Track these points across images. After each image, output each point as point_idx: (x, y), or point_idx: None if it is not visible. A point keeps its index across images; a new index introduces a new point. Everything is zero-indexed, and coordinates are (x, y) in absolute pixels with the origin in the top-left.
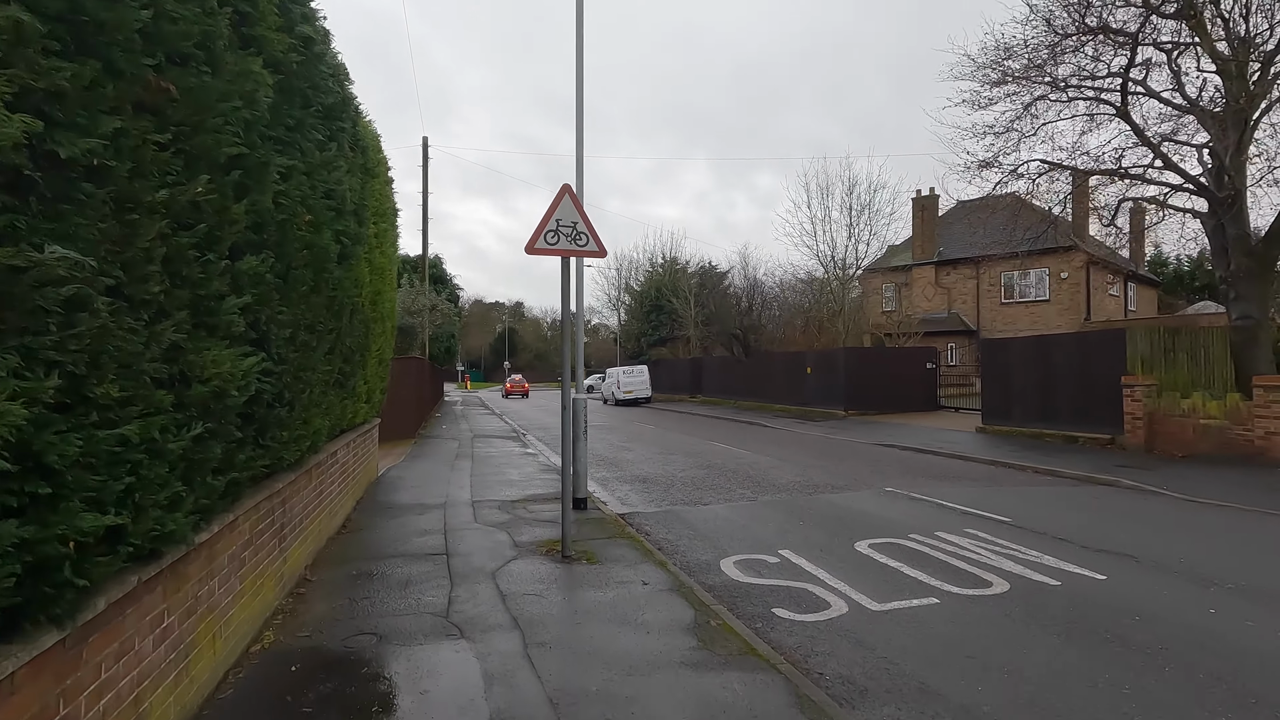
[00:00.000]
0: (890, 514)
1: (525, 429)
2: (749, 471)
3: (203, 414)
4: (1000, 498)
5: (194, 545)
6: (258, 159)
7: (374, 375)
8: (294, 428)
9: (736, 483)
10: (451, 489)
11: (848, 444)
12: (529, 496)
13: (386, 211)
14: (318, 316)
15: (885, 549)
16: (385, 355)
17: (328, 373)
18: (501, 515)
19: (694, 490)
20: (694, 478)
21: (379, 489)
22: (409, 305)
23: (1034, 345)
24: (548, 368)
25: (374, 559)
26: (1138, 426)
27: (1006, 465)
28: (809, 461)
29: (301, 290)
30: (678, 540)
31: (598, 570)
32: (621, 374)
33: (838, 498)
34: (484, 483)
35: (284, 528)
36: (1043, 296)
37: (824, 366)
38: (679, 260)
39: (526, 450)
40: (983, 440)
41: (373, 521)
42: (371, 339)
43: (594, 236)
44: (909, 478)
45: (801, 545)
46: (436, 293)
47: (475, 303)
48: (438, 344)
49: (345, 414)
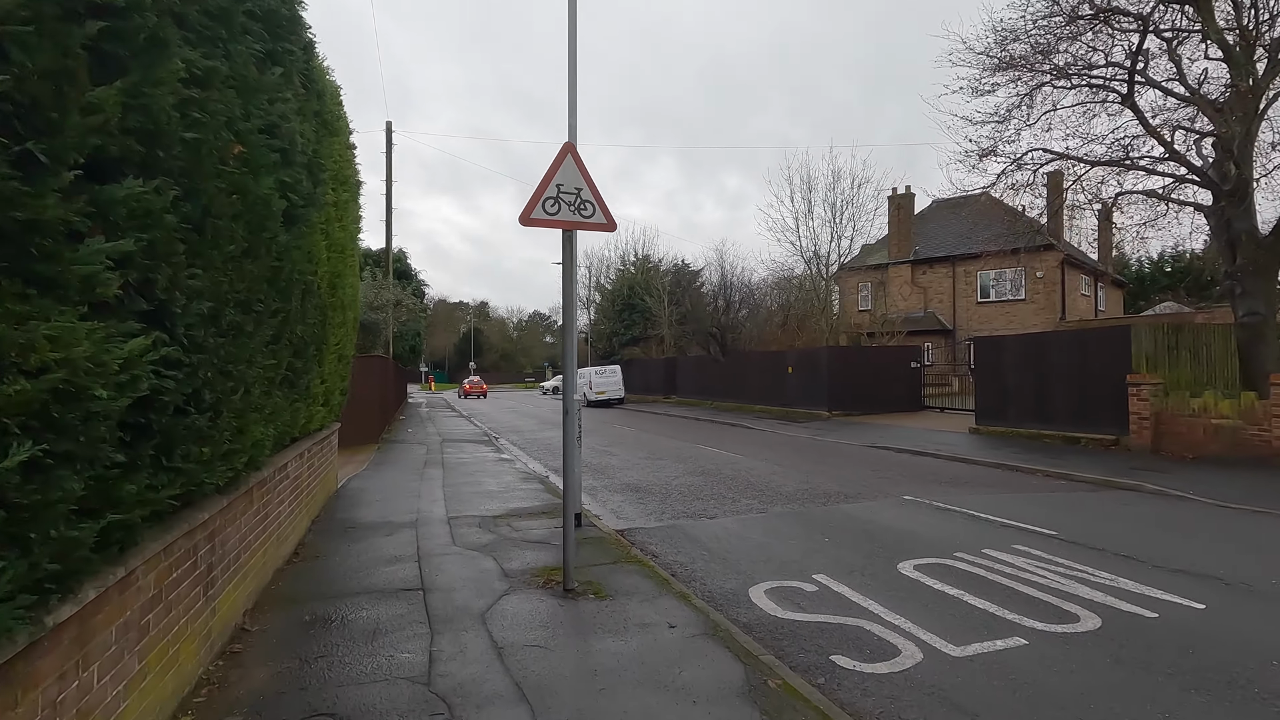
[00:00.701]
0: (919, 527)
1: (497, 432)
2: (748, 478)
3: (41, 427)
4: (1028, 506)
5: (44, 632)
6: (143, 23)
7: (333, 374)
8: (221, 441)
9: (738, 491)
10: (423, 503)
11: (840, 446)
12: (512, 511)
13: (348, 180)
14: (255, 291)
15: (934, 571)
16: (346, 351)
17: (271, 368)
18: (484, 535)
19: (694, 501)
20: (690, 486)
21: (339, 504)
22: (372, 300)
23: (1030, 343)
24: (514, 368)
25: (333, 597)
26: (1144, 427)
27: (1014, 469)
28: (808, 466)
29: (229, 251)
30: (692, 563)
31: (610, 608)
32: (594, 374)
33: (854, 508)
34: (459, 495)
35: (213, 568)
36: (1019, 296)
37: (806, 366)
38: (651, 258)
39: (501, 456)
40: (979, 442)
41: (332, 546)
42: (330, 330)
43: (601, 206)
44: (921, 484)
45: (836, 567)
46: (401, 288)
47: (439, 302)
48: (402, 342)
49: (297, 419)
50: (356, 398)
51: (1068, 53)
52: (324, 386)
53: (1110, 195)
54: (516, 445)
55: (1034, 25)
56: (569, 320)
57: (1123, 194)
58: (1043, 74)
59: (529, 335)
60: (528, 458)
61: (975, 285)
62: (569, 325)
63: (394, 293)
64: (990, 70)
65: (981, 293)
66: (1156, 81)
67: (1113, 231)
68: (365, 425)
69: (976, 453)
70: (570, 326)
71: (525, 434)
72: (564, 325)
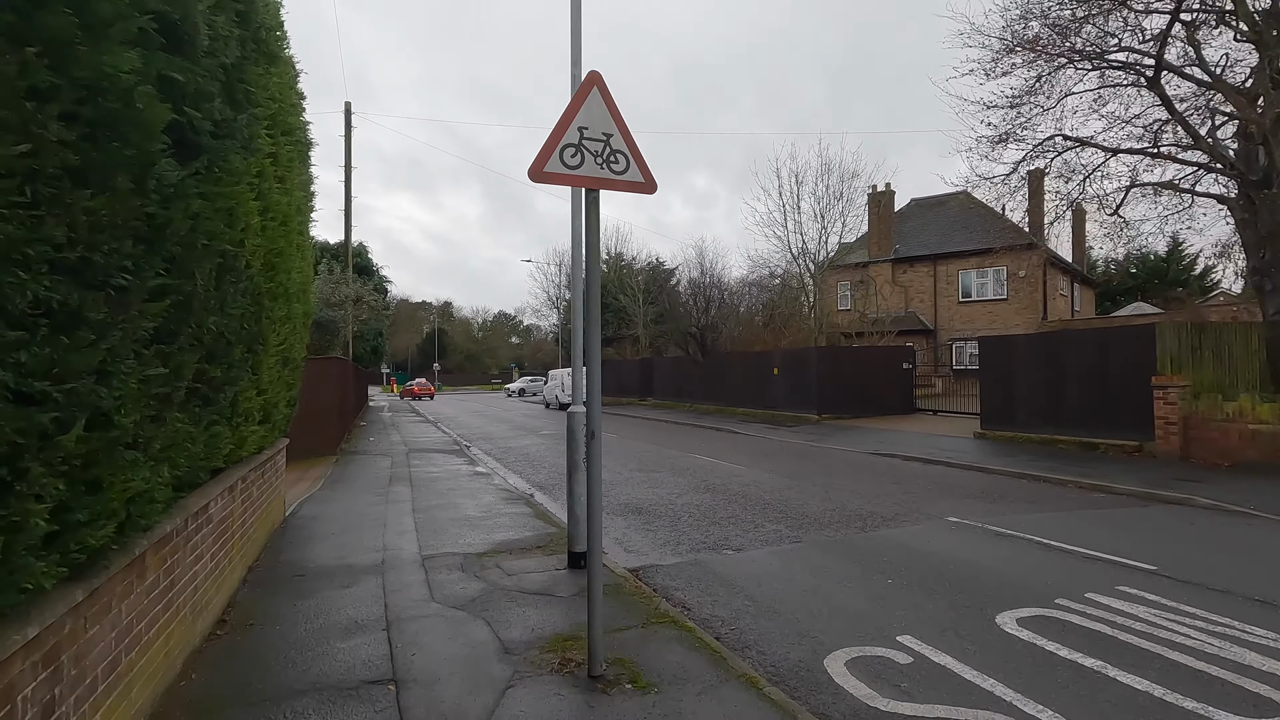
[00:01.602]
0: (990, 561)
1: (467, 440)
2: (760, 495)
3: None
4: (1093, 529)
5: None
6: None
7: (276, 381)
8: (29, 515)
9: (756, 513)
10: (389, 535)
11: (842, 455)
12: (499, 545)
13: (294, 132)
14: (113, 251)
15: (1045, 628)
16: (294, 353)
17: (161, 380)
18: (469, 583)
19: (710, 526)
20: (699, 506)
21: (287, 539)
22: (329, 296)
23: (1042, 343)
24: (479, 369)
25: (266, 701)
26: (1171, 432)
27: (1040, 479)
28: (820, 479)
29: (52, 172)
30: (738, 619)
31: (659, 709)
32: (566, 375)
33: (900, 535)
34: (433, 522)
35: (56, 701)
36: (1001, 295)
37: (793, 367)
38: (624, 256)
39: (476, 469)
40: (989, 448)
41: (271, 606)
42: (268, 327)
43: (637, 159)
44: (955, 500)
45: (922, 624)
46: (362, 284)
47: (401, 302)
48: (363, 343)
49: (218, 446)
50: (311, 405)
51: (1091, 30)
52: (262, 399)
53: (1119, 189)
54: (491, 455)
55: (1054, 2)
56: (591, 301)
57: (1135, 186)
58: (1061, 56)
59: (494, 336)
60: (505, 470)
61: (956, 285)
62: (590, 305)
63: (354, 288)
64: (1004, 52)
65: (963, 292)
66: (1176, 66)
67: (1094, 229)
68: (321, 435)
69: (991, 460)
70: (592, 306)
71: (498, 442)
72: (584, 302)
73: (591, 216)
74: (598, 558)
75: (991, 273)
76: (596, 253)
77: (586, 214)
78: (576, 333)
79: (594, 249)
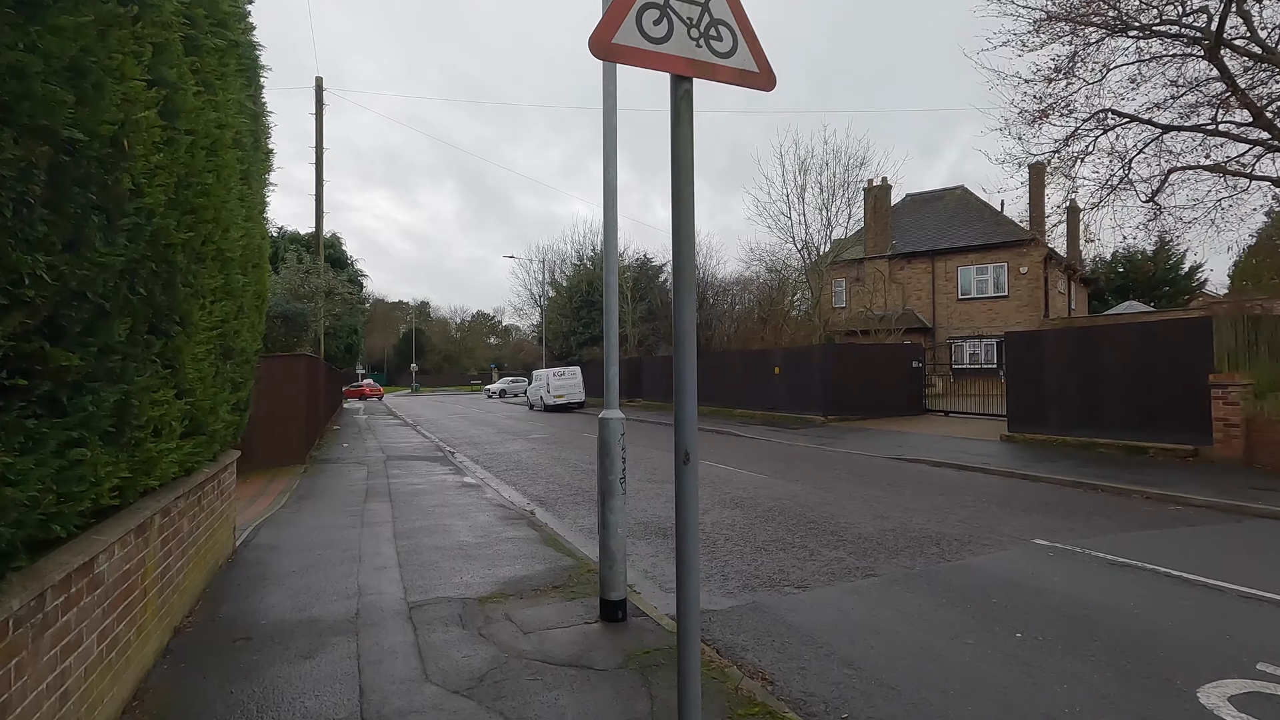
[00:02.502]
0: (1129, 603)
1: (451, 445)
2: (798, 511)
3: None
4: (1211, 553)
5: None
6: None
7: (207, 379)
8: None
9: (802, 533)
10: (365, 572)
11: (865, 461)
12: (506, 584)
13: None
14: None
15: (1270, 712)
16: (242, 343)
17: None
18: (474, 647)
19: (754, 552)
20: (732, 525)
21: (232, 582)
22: (298, 287)
23: (1077, 339)
24: (457, 370)
25: None
26: (1233, 435)
27: (1097, 488)
28: (856, 490)
29: None
30: (847, 699)
31: None
32: (551, 376)
33: (993, 565)
34: (419, 552)
35: None
36: (1001, 293)
37: (795, 366)
38: None
39: (464, 480)
40: (1022, 453)
41: (196, 698)
42: (188, 298)
43: (749, 35)
44: (1026, 516)
45: (1099, 707)
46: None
47: (377, 302)
48: (337, 340)
49: (98, 479)
50: (276, 407)
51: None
52: (186, 403)
53: (1159, 173)
54: (479, 463)
55: None
56: (684, 262)
57: (1177, 170)
58: (1106, 26)
59: (473, 336)
60: (497, 481)
61: (955, 282)
62: (684, 266)
63: (326, 279)
64: (1044, 20)
65: (962, 289)
66: (1227, 40)
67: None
68: (288, 441)
69: (1032, 466)
70: (685, 267)
71: (485, 447)
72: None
73: (684, 120)
74: (692, 625)
75: (991, 269)
76: (689, 180)
77: (676, 116)
78: (610, 311)
79: (686, 173)
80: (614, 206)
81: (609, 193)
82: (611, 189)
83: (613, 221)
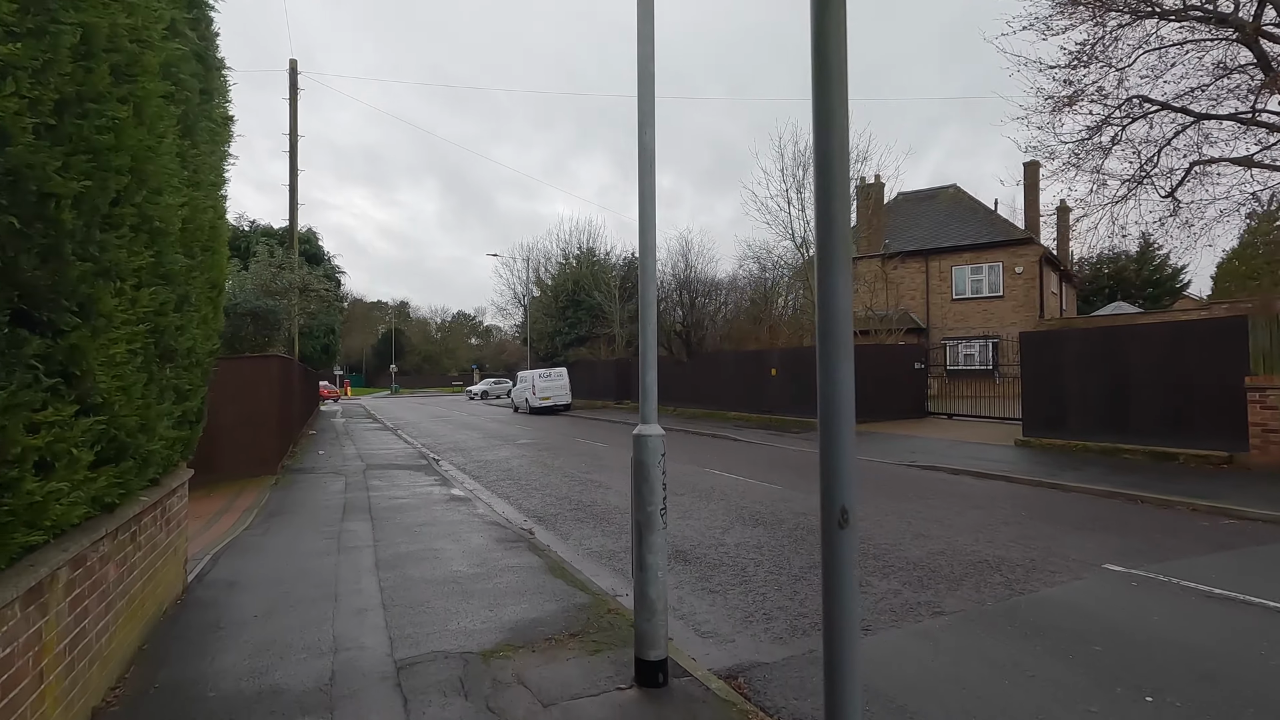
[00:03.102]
0: (1253, 648)
1: (435, 451)
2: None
3: None
4: None
5: None
6: None
7: (133, 388)
8: None
9: None
10: (342, 618)
11: (880, 468)
12: (513, 631)
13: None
14: None
15: None
16: (189, 341)
17: None
18: None
19: (793, 582)
20: (759, 547)
21: (177, 634)
22: (269, 283)
23: (1100, 339)
24: (437, 371)
25: None
26: (1271, 441)
27: (1137, 499)
28: (884, 504)
29: None
30: None
31: None
32: (537, 377)
33: (1075, 598)
34: (406, 586)
35: None
36: (996, 293)
37: (794, 368)
38: (596, 252)
39: (452, 491)
40: (1042, 459)
41: None
42: (92, 279)
43: None
44: (1080, 535)
45: None
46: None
47: (356, 302)
48: (313, 340)
49: None
50: (244, 414)
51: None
52: (99, 423)
53: (1180, 166)
54: (466, 472)
55: None
56: (836, 189)
57: (1199, 163)
58: (1132, 8)
59: (453, 336)
60: (488, 494)
61: (949, 282)
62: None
63: (300, 274)
64: (1068, 3)
65: (956, 289)
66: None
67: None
68: (257, 450)
69: (1059, 475)
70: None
71: (471, 454)
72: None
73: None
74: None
75: (986, 269)
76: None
77: None
78: (647, 305)
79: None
80: (651, 173)
81: (645, 156)
82: (648, 151)
83: (650, 189)
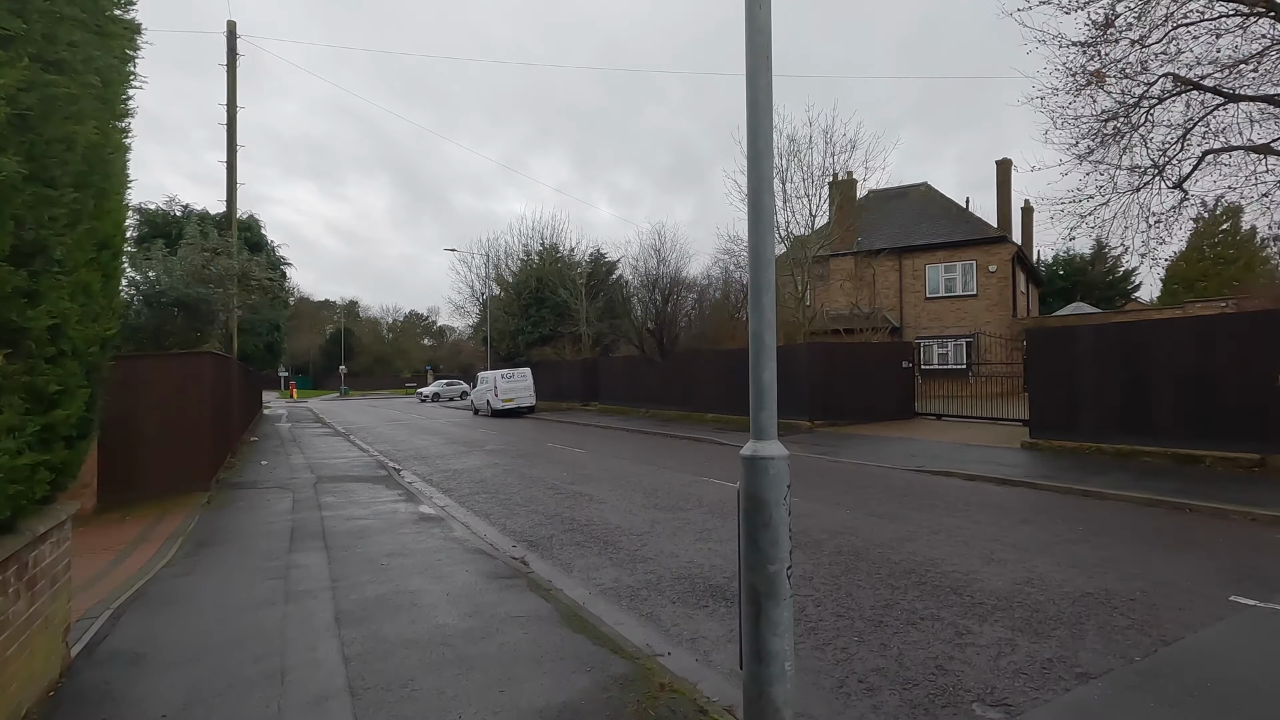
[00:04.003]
0: None
1: (395, 459)
2: (878, 553)
3: None
4: None
5: None
6: None
7: None
8: None
9: (914, 592)
10: (292, 714)
11: (890, 475)
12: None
13: None
14: None
15: None
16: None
17: None
18: None
19: (874, 630)
20: (808, 577)
21: None
22: (200, 269)
23: (1116, 336)
24: (389, 372)
25: None
26: None
27: (1183, 507)
28: (920, 518)
29: None
30: None
31: None
32: (500, 378)
33: (1224, 648)
34: (381, 658)
35: None
36: (970, 291)
37: (777, 367)
38: (560, 248)
39: (421, 510)
40: (1057, 462)
41: None
42: None
43: None
44: (1171, 556)
45: None
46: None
47: (303, 300)
48: (255, 338)
49: None
50: (171, 420)
51: None
52: None
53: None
54: (433, 484)
55: None
56: None
57: (1211, 152)
58: None
59: (405, 337)
60: (464, 511)
61: (923, 280)
62: None
63: (239, 260)
64: None
65: (930, 288)
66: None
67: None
68: (187, 462)
69: (1086, 481)
70: None
71: (436, 462)
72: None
73: None
74: None
75: (960, 267)
76: None
77: None
78: (764, 288)
79: None
80: (769, 114)
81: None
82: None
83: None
